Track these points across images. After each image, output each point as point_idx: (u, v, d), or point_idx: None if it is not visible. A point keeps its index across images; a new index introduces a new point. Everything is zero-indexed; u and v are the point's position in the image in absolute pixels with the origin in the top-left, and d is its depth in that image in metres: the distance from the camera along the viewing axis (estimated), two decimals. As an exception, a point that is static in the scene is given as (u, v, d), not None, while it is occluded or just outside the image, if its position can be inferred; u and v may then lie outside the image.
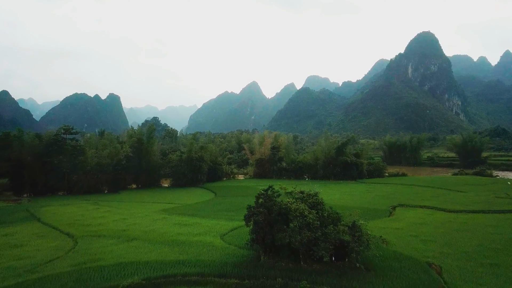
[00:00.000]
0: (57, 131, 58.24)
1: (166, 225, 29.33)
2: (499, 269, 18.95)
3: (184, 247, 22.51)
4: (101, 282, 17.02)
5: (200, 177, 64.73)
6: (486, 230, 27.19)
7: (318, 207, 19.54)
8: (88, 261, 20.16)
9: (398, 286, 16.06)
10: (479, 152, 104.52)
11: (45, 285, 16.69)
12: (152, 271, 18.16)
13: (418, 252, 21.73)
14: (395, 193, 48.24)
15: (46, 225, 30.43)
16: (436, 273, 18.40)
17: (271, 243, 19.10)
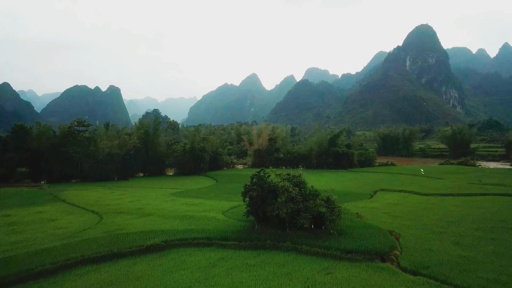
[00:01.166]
0: (70, 123, 62.99)
1: (175, 204, 34.21)
2: (445, 235, 23.73)
3: (192, 220, 27.31)
4: (129, 243, 21.77)
5: (202, 166, 69.89)
6: (448, 209, 31.98)
7: (300, 185, 24.24)
8: (115, 229, 24.94)
9: (360, 244, 20.78)
10: (468, 144, 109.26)
11: (85, 245, 21.43)
12: (168, 236, 22.94)
13: (385, 224, 26.45)
14: (379, 180, 53.06)
15: (72, 205, 35.28)
16: (394, 238, 23.15)
17: (263, 214, 23.89)
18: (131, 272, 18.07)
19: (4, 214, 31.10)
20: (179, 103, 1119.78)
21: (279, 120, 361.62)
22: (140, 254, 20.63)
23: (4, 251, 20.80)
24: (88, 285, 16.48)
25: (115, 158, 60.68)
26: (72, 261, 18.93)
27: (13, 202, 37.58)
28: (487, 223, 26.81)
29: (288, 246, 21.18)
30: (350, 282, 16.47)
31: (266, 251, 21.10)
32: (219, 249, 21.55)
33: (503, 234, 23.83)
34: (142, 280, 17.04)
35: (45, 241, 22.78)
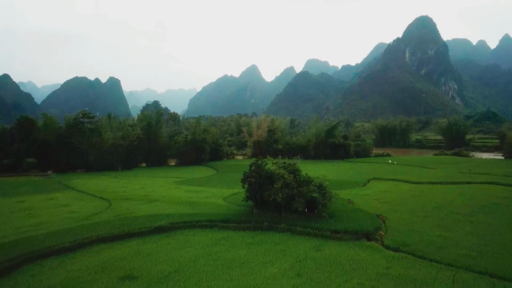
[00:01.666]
0: (75, 115, 65.00)
1: (179, 191, 36.35)
2: (428, 219, 25.84)
3: (195, 206, 29.41)
4: (138, 225, 23.87)
5: (203, 156, 72.10)
6: (434, 196, 34.12)
7: (295, 173, 26.26)
8: (124, 213, 27.06)
9: (348, 225, 22.86)
10: (463, 135, 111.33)
11: (99, 226, 23.51)
12: (174, 219, 25.02)
13: (374, 209, 28.55)
14: (374, 169, 55.17)
15: (81, 192, 37.43)
16: (381, 221, 25.25)
17: (260, 199, 25.98)
18: (141, 249, 20.15)
19: (19, 200, 33.26)
20: (179, 95, 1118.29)
21: (279, 112, 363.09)
22: (148, 234, 22.72)
23: (26, 231, 22.89)
24: (103, 260, 18.55)
25: (119, 149, 62.80)
26: (88, 240, 21.01)
27: (25, 190, 39.75)
28: (468, 208, 28.94)
29: (283, 227, 23.29)
30: (338, 257, 18.55)
31: (263, 231, 23.21)
32: (220, 230, 23.66)
33: (480, 217, 25.95)
34: (152, 256, 19.11)
35: (61, 223, 24.89)
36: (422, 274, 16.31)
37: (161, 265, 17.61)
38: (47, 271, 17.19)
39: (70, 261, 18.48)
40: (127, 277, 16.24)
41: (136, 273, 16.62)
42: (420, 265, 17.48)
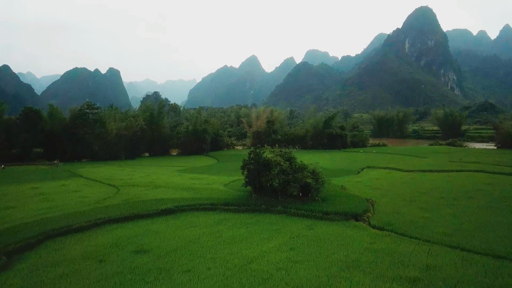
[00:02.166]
0: (80, 106, 66.98)
1: (182, 179, 38.47)
2: (413, 203, 27.93)
3: (198, 191, 31.52)
4: (146, 208, 25.95)
5: (204, 146, 74.34)
6: (423, 183, 36.23)
7: (291, 160, 28.32)
8: (132, 198, 29.16)
9: (338, 208, 24.94)
10: (459, 125, 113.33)
11: (110, 209, 25.60)
12: (178, 202, 27.12)
13: (364, 194, 30.62)
14: (369, 159, 57.26)
15: (89, 179, 39.55)
16: (370, 204, 27.36)
17: (258, 184, 28.07)
18: (150, 228, 22.25)
19: (32, 187, 35.38)
20: (179, 85, 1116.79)
21: (279, 103, 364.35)
22: (156, 216, 24.82)
23: (43, 213, 24.99)
24: (117, 237, 20.63)
25: (122, 139, 64.89)
26: (101, 220, 23.10)
27: (36, 177, 41.89)
28: (453, 193, 31.05)
29: (279, 210, 25.40)
30: (327, 235, 20.65)
31: (261, 213, 25.33)
32: (222, 212, 25.77)
33: (462, 202, 28.05)
34: (160, 234, 21.20)
35: (75, 206, 26.98)
36: (401, 248, 18.40)
37: (169, 241, 19.71)
38: (68, 246, 19.29)
39: (87, 238, 20.57)
40: (139, 251, 18.32)
41: (147, 248, 18.72)
42: (400, 241, 19.58)
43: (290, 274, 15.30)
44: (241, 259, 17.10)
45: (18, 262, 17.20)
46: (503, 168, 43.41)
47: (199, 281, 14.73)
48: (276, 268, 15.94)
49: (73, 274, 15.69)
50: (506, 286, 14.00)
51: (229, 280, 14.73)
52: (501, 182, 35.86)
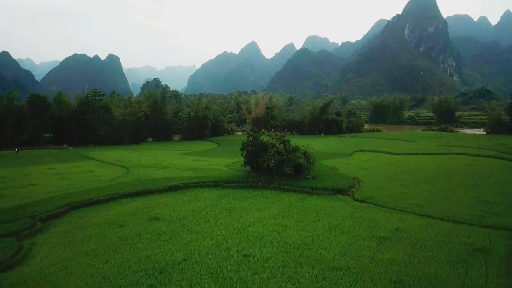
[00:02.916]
0: (87, 93, 69.90)
1: (186, 161, 41.63)
2: (395, 181, 31.06)
3: (201, 171, 34.64)
4: (155, 184, 29.04)
5: (206, 132, 77.58)
6: (408, 164, 39.36)
7: (285, 142, 31.37)
8: (142, 177, 32.26)
9: (327, 184, 28.06)
10: (453, 112, 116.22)
11: (123, 186, 28.67)
12: (184, 180, 30.21)
13: (352, 174, 33.73)
14: (362, 143, 60.33)
15: (100, 161, 42.67)
16: (356, 182, 30.50)
17: (256, 164, 31.14)
18: (160, 201, 25.35)
19: (49, 167, 38.49)
20: (178, 72, 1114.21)
21: (278, 89, 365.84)
22: (164, 191, 27.91)
23: (64, 189, 28.06)
24: (132, 208, 23.72)
25: (127, 124, 67.92)
26: (116, 195, 26.18)
27: (50, 159, 45.01)
28: (433, 173, 34.20)
29: (274, 186, 28.53)
30: (315, 206, 23.76)
31: (258, 189, 28.46)
32: (223, 188, 28.89)
33: (440, 180, 31.19)
34: (170, 205, 24.30)
35: (91, 184, 30.08)
36: (377, 216, 21.55)
37: (178, 211, 22.83)
38: (91, 214, 22.41)
39: (106, 208, 23.69)
40: (153, 218, 21.44)
41: (159, 216, 21.83)
42: (378, 211, 22.75)
43: (281, 234, 18.43)
44: (240, 224, 20.23)
45: (51, 226, 20.33)
46: (484, 151, 46.54)
47: (205, 239, 17.85)
48: (269, 230, 19.07)
49: (100, 235, 18.81)
50: (457, 242, 17.11)
51: (230, 238, 17.86)
52: (479, 163, 39.00)
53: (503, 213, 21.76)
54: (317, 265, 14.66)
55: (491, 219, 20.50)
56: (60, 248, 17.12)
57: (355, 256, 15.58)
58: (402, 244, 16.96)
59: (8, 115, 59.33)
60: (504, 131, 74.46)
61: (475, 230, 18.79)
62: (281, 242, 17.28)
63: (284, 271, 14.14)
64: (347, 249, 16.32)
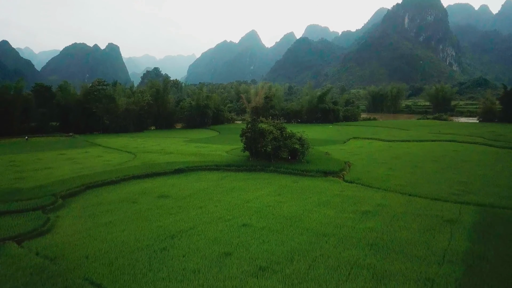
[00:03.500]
0: (92, 83, 72.13)
1: (188, 147, 44.05)
2: (384, 165, 33.46)
3: (204, 156, 37.05)
4: (161, 168, 31.46)
5: (207, 120, 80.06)
6: (398, 150, 41.74)
7: (282, 129, 33.72)
8: (149, 161, 34.67)
9: (319, 167, 30.47)
10: (449, 101, 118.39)
11: (132, 169, 31.06)
12: (188, 164, 32.65)
13: (344, 158, 36.09)
14: (357, 131, 62.64)
15: (107, 148, 45.09)
16: (347, 165, 32.92)
17: (255, 149, 33.55)
18: (167, 182, 27.78)
19: (60, 153, 40.93)
20: (178, 61, 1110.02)
21: (278, 79, 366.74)
22: (170, 174, 30.36)
23: (78, 172, 30.47)
24: (142, 188, 26.14)
25: (131, 113, 70.27)
26: (127, 176, 28.61)
27: (60, 146, 47.48)
28: (420, 158, 36.61)
29: (271, 169, 30.99)
30: (308, 186, 26.19)
31: (256, 172, 30.92)
32: (224, 171, 31.33)
33: (426, 164, 33.57)
34: (176, 186, 26.73)
35: (102, 167, 32.49)
36: (363, 194, 23.98)
37: (183, 191, 25.26)
38: (105, 193, 24.86)
39: (119, 188, 26.15)
40: (162, 196, 23.89)
41: (167, 194, 24.27)
42: (364, 190, 25.19)
43: (276, 209, 20.87)
44: (239, 200, 22.68)
45: (71, 203, 22.79)
46: (472, 138, 48.87)
47: (209, 213, 20.30)
48: (266, 205, 21.51)
49: (115, 209, 21.27)
50: (430, 214, 19.50)
51: (231, 212, 20.31)
52: (466, 149, 41.37)
53: (477, 191, 24.18)
54: (306, 232, 17.11)
55: (464, 197, 22.91)
56: (81, 220, 19.60)
57: (339, 225, 18.03)
58: (382, 216, 19.40)
59: (16, 104, 61.57)
60: (496, 119, 76.72)
61: (448, 205, 21.21)
62: (275, 215, 19.71)
63: (277, 236, 16.59)
64: (333, 220, 18.76)
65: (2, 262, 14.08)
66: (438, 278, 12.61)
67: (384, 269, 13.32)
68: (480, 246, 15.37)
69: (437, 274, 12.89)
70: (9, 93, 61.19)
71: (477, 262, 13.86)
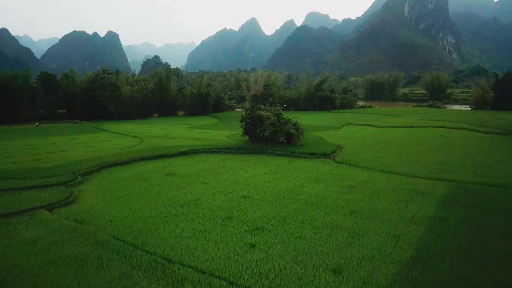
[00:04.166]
0: (97, 71, 74.55)
1: (191, 132, 46.78)
2: (373, 148, 36.17)
3: (206, 140, 39.78)
4: (168, 150, 34.17)
5: (208, 108, 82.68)
6: (388, 135, 44.46)
7: (278, 115, 36.39)
8: (155, 145, 37.39)
9: (313, 150, 33.19)
10: (445, 89, 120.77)
11: (140, 152, 33.73)
12: (192, 147, 35.35)
13: (337, 143, 38.74)
14: (352, 118, 65.27)
15: (115, 133, 47.79)
16: (338, 148, 35.64)
17: (253, 134, 36.26)
18: (173, 163, 30.50)
19: (71, 138, 43.67)
20: (178, 49, 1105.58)
21: (278, 67, 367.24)
22: (176, 156, 33.06)
23: (91, 154, 33.18)
24: (151, 167, 28.82)
25: (135, 101, 72.85)
26: (136, 158, 31.32)
27: (70, 131, 50.19)
28: (407, 142, 39.38)
29: (269, 152, 33.72)
30: (301, 166, 28.92)
31: (254, 154, 33.64)
32: (225, 154, 34.05)
33: (411, 147, 36.35)
34: (181, 166, 29.46)
35: (112, 150, 35.19)
36: (349, 172, 26.74)
37: (189, 170, 28.00)
38: (118, 172, 27.59)
39: (130, 168, 28.86)
40: (170, 174, 26.62)
41: (174, 173, 27.01)
42: (352, 169, 27.94)
43: (272, 184, 23.63)
44: (239, 177, 25.43)
45: (89, 180, 25.52)
46: (460, 124, 51.54)
47: (212, 187, 23.05)
48: (262, 181, 24.26)
49: (129, 185, 24.01)
50: (407, 188, 22.24)
51: (232, 187, 23.06)
52: (451, 134, 44.12)
53: (453, 170, 26.96)
54: (296, 202, 19.89)
55: (440, 174, 25.69)
56: (100, 193, 22.36)
57: (326, 197, 20.81)
58: (364, 190, 22.16)
59: (25, 92, 64.04)
60: (488, 107, 79.23)
61: (425, 182, 24.00)
62: (271, 189, 22.48)
63: (272, 205, 19.37)
64: (321, 193, 21.53)
65: (41, 224, 16.87)
66: (403, 235, 15.40)
67: (360, 229, 16.11)
68: (444, 212, 18.15)
69: (403, 232, 15.69)
70: (18, 81, 63.57)
71: (438, 224, 16.65)
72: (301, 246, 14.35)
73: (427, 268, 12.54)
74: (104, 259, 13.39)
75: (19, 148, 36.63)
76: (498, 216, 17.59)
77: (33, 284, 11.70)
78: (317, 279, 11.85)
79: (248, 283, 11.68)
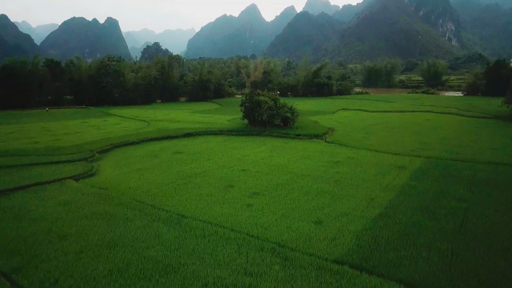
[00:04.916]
0: (102, 59, 77.17)
1: (194, 117, 49.74)
2: (362, 130, 39.18)
3: (208, 124, 42.80)
4: (173, 132, 37.20)
5: (209, 94, 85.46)
6: (378, 119, 47.41)
7: (275, 100, 39.31)
8: (161, 127, 40.42)
9: (307, 132, 36.24)
10: (440, 76, 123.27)
11: (148, 133, 36.73)
12: (196, 129, 38.38)
13: (330, 125, 41.75)
14: (347, 103, 68.04)
15: (122, 117, 50.79)
16: (330, 130, 38.67)
17: (252, 118, 39.25)
18: (179, 143, 33.55)
19: (81, 121, 46.68)
20: (177, 35, 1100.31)
21: (278, 53, 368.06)
22: (181, 137, 36.12)
23: (104, 135, 36.19)
24: (160, 147, 31.87)
25: (139, 87, 75.69)
26: (145, 138, 34.39)
27: (79, 116, 53.16)
28: (395, 125, 42.34)
29: (266, 134, 36.79)
30: (295, 145, 31.99)
31: (253, 136, 36.70)
32: (226, 135, 37.11)
33: (399, 130, 39.31)
34: (187, 145, 32.51)
35: (122, 132, 38.21)
36: (338, 151, 29.79)
37: (194, 148, 31.07)
38: (130, 151, 30.66)
39: (141, 147, 31.93)
40: (177, 152, 29.70)
41: (181, 151, 30.09)
42: (340, 148, 31.02)
43: (268, 160, 26.72)
44: (239, 155, 28.52)
45: (105, 157, 28.60)
46: (448, 109, 54.42)
47: (215, 163, 26.13)
48: (260, 158, 27.36)
49: (142, 161, 27.08)
50: (387, 163, 25.30)
51: (232, 162, 26.15)
52: (438, 118, 47.08)
53: (431, 149, 30.01)
54: (289, 174, 22.99)
55: (419, 152, 28.74)
56: (117, 167, 25.44)
57: (315, 170, 23.90)
58: (349, 165, 25.26)
59: (33, 79, 66.76)
60: (480, 93, 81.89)
61: (404, 158, 27.08)
62: (267, 164, 25.57)
63: (267, 176, 22.46)
64: (311, 167, 24.63)
65: (71, 190, 19.99)
66: (376, 198, 18.52)
67: (341, 193, 19.22)
68: (414, 182, 21.23)
69: (377, 196, 18.81)
70: (26, 68, 66.24)
71: (408, 190, 19.76)
72: (290, 206, 17.48)
73: (390, 220, 15.69)
74: (129, 215, 16.52)
75: (36, 130, 39.65)
76: (460, 184, 20.67)
77: (75, 230, 14.81)
78: (301, 228, 14.97)
79: (246, 230, 14.78)
